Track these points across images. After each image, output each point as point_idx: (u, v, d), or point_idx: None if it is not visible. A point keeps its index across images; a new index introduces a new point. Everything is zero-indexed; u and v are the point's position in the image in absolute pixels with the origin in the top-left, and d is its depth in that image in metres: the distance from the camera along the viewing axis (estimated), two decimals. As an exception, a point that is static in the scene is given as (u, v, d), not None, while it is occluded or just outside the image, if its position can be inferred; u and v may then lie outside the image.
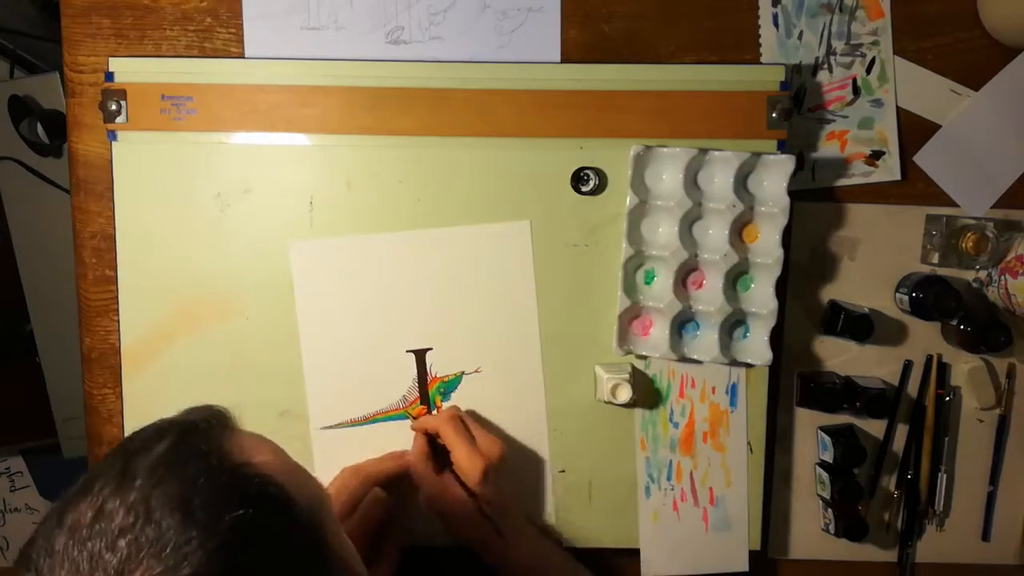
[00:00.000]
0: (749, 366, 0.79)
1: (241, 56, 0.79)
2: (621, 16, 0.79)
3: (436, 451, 0.76)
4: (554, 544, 0.78)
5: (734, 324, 0.79)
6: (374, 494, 0.74)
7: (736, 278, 0.78)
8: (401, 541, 0.76)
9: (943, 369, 0.83)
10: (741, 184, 0.76)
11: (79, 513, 0.43)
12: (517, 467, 0.80)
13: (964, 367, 0.83)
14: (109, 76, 0.76)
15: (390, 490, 0.76)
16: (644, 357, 0.80)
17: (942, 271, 0.81)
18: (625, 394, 0.75)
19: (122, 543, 0.41)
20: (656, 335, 0.78)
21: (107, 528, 0.41)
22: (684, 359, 0.78)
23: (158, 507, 0.42)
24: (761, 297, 0.77)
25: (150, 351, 0.79)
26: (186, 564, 0.40)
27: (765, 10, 0.79)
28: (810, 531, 0.85)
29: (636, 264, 0.78)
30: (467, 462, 0.71)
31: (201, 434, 0.47)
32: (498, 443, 0.73)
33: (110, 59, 0.76)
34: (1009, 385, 0.84)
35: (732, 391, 0.80)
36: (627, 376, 0.76)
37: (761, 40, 0.79)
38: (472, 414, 0.79)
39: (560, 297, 0.79)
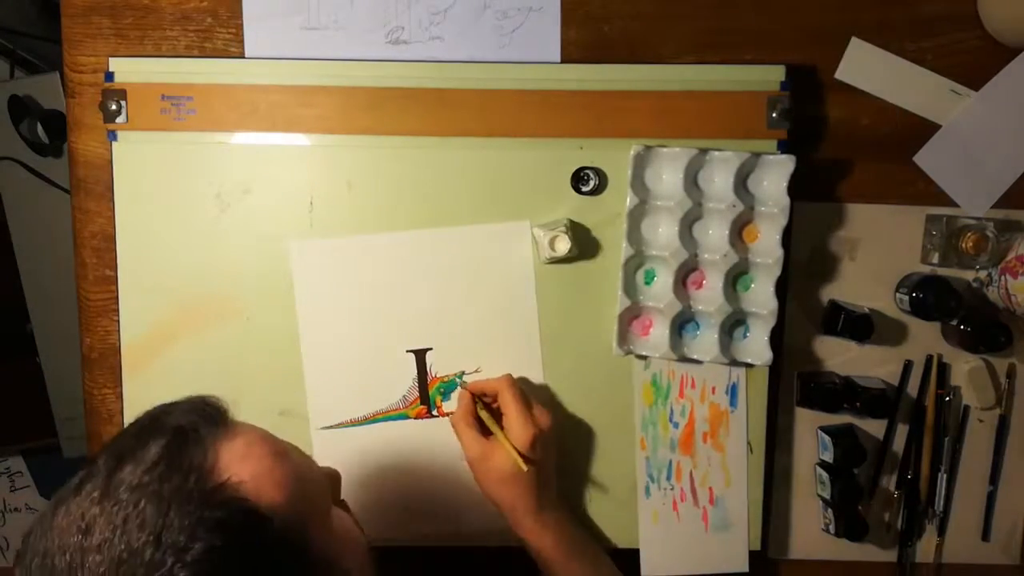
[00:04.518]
0: (749, 366, 0.79)
1: (241, 56, 0.79)
2: (621, 16, 0.79)
3: (491, 414, 0.75)
4: (582, 527, 0.78)
5: (734, 324, 0.79)
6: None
7: (736, 278, 0.78)
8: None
9: (943, 369, 0.83)
10: (741, 184, 0.76)
11: (69, 518, 0.45)
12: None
13: (964, 367, 0.83)
14: (109, 76, 0.76)
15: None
16: (644, 357, 0.80)
17: (942, 271, 0.81)
18: (564, 245, 0.75)
19: (97, 559, 0.43)
20: (656, 335, 0.78)
21: (87, 543, 0.44)
22: (684, 359, 0.78)
23: (134, 528, 0.44)
24: (761, 297, 0.77)
25: (150, 351, 0.79)
26: None
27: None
28: (810, 531, 0.85)
29: (636, 264, 0.78)
30: (520, 427, 0.71)
31: (189, 445, 0.49)
32: (548, 414, 0.74)
33: (110, 59, 0.76)
34: (1009, 385, 0.84)
35: (732, 391, 0.80)
36: (564, 228, 0.75)
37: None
38: (524, 383, 0.79)
39: (560, 297, 0.79)
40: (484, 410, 0.75)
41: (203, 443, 0.49)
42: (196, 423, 0.50)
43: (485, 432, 0.74)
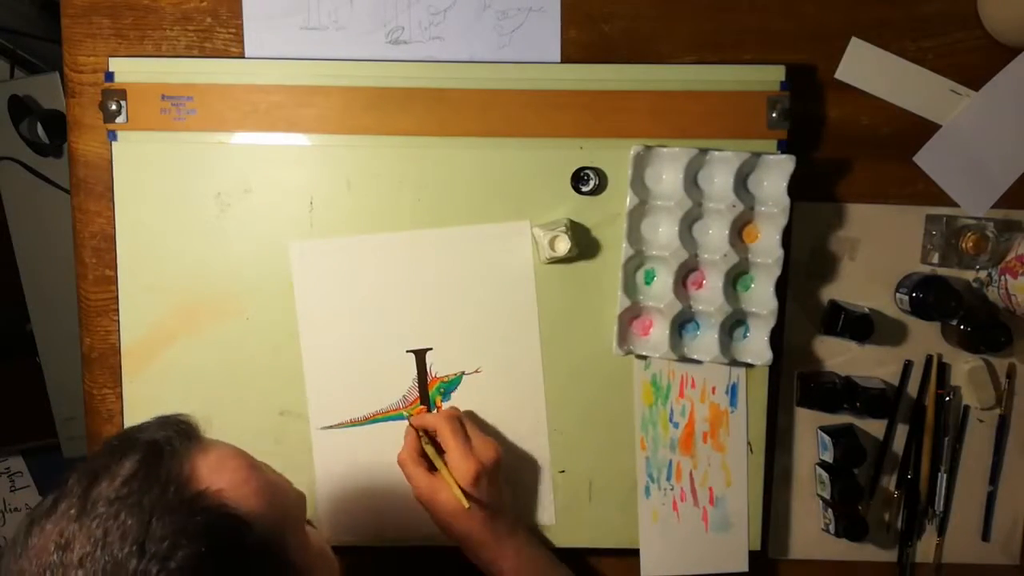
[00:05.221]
0: (749, 366, 0.79)
1: (241, 56, 0.79)
2: (621, 16, 0.79)
3: (437, 448, 0.75)
4: (543, 549, 0.77)
5: (734, 324, 0.79)
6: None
7: (736, 278, 0.78)
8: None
9: (943, 369, 0.83)
10: (741, 184, 0.76)
11: (45, 537, 0.45)
12: (517, 468, 0.80)
13: (964, 367, 0.83)
14: (109, 76, 0.76)
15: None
16: (644, 357, 0.80)
17: (942, 271, 0.81)
18: (564, 245, 0.75)
19: (80, 573, 0.44)
20: (656, 335, 0.78)
21: (67, 559, 0.44)
22: (684, 359, 0.78)
23: (116, 540, 0.44)
24: (761, 297, 0.77)
25: (150, 351, 0.79)
26: None
27: None
28: (810, 531, 0.85)
29: (636, 264, 0.78)
30: (461, 463, 0.71)
31: (164, 458, 0.49)
32: (493, 447, 0.73)
33: (110, 59, 0.76)
34: (1009, 385, 0.84)
35: (732, 391, 0.80)
36: (564, 228, 0.75)
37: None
38: (471, 416, 0.79)
39: (560, 297, 0.79)
40: (429, 445, 0.74)
41: (178, 455, 0.50)
42: (169, 437, 0.51)
43: (433, 467, 0.74)
